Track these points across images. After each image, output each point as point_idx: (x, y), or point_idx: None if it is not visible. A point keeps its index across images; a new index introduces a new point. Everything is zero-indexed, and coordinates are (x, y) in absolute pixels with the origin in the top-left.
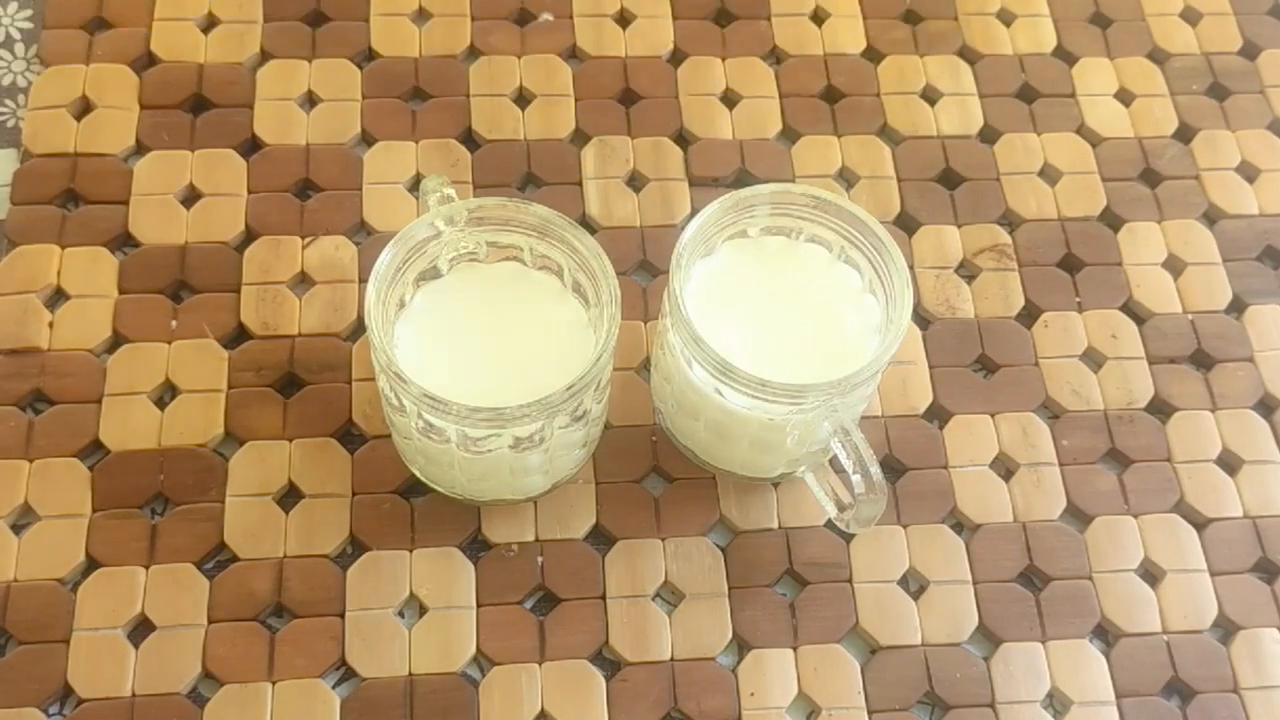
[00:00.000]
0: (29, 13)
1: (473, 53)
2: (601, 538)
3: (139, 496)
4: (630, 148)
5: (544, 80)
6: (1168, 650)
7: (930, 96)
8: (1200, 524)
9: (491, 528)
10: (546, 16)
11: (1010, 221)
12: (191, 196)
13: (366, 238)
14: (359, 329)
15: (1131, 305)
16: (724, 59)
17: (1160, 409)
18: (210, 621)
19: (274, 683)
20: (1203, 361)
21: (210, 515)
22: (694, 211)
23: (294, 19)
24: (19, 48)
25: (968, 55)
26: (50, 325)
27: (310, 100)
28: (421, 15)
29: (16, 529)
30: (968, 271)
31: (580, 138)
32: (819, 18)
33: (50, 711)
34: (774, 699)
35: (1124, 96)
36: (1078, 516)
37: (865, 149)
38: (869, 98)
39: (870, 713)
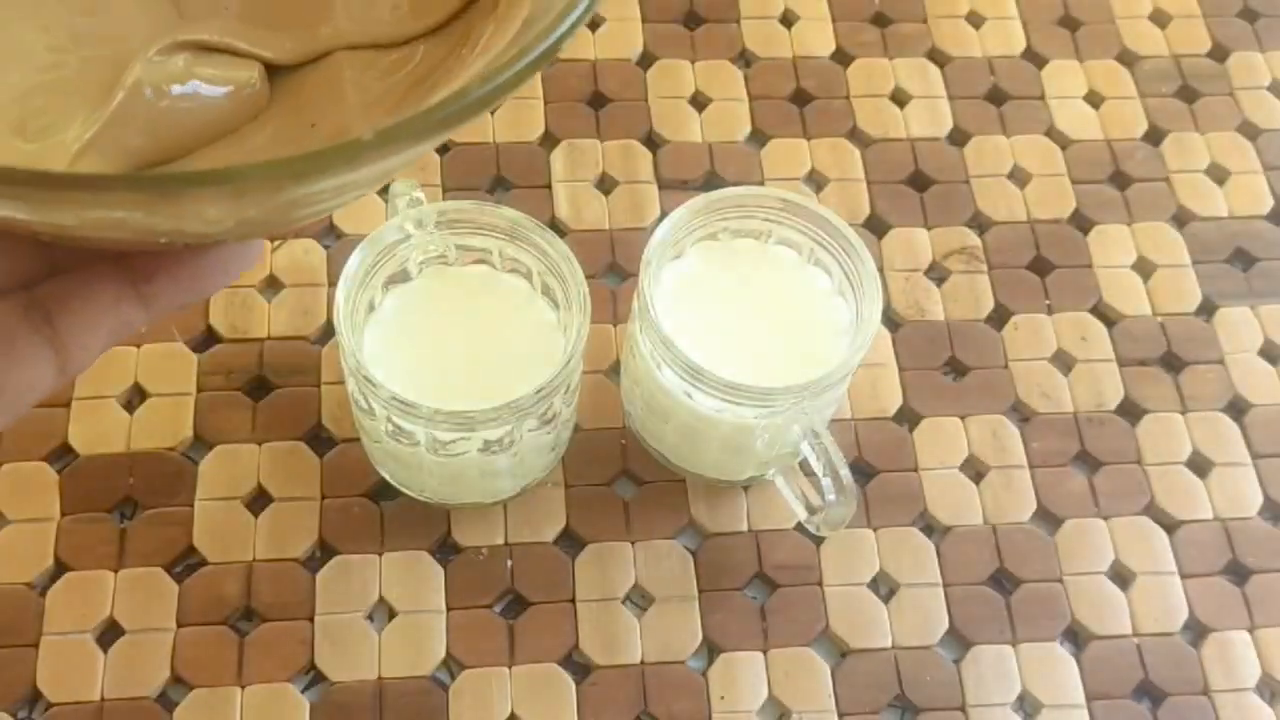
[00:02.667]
0: None
1: None
2: (571, 541)
3: (108, 500)
4: (599, 151)
5: None
6: (1138, 653)
7: (899, 99)
8: (1170, 526)
9: (461, 531)
10: None
11: (980, 224)
12: None
13: (336, 241)
14: (328, 332)
15: (1101, 308)
16: (693, 62)
17: (1130, 411)
18: (179, 625)
19: (243, 687)
20: (1172, 364)
21: (179, 519)
22: (663, 214)
23: None
24: None
25: (937, 58)
26: None
27: None
28: None
29: None
30: (937, 274)
31: (549, 141)
32: (788, 20)
33: (19, 716)
34: (744, 702)
35: (1093, 99)
36: (1048, 519)
37: (835, 151)
38: (838, 100)
39: (841, 716)
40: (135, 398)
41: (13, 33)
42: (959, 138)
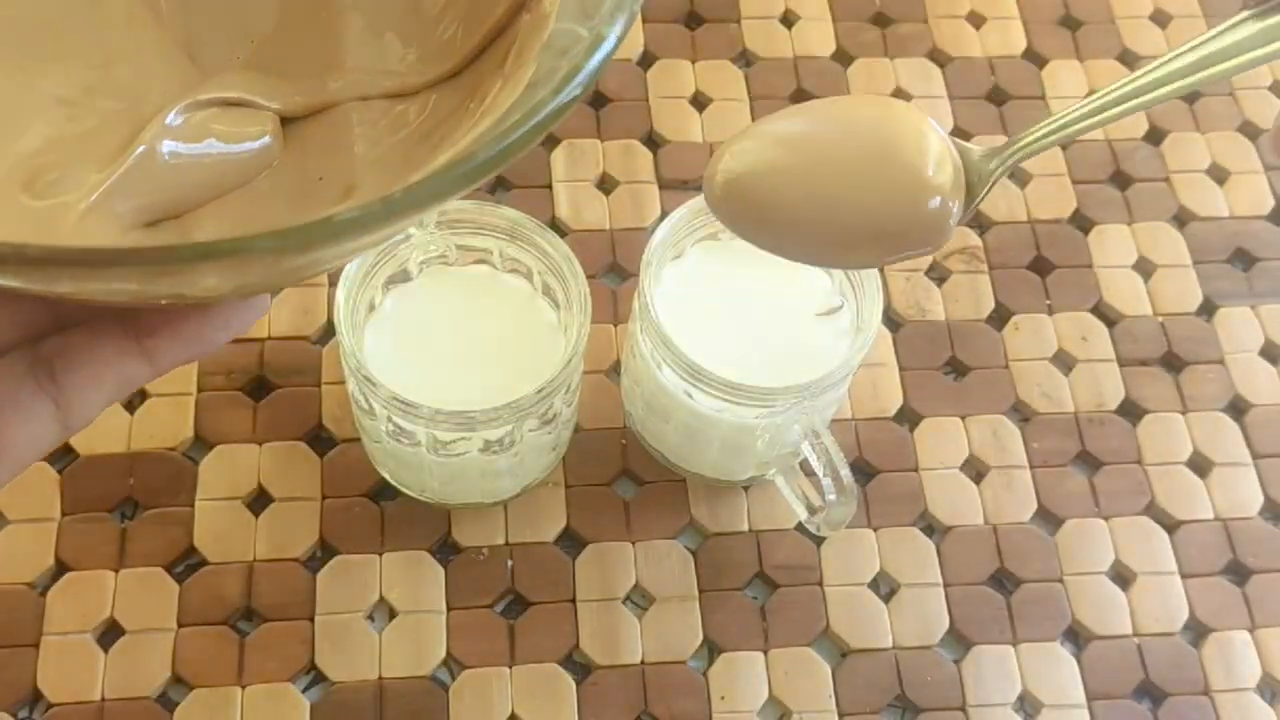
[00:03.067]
0: None
1: None
2: (572, 541)
3: (108, 500)
4: (600, 150)
5: None
6: (1139, 653)
7: (900, 99)
8: (1171, 526)
9: (461, 531)
10: None
11: (980, 224)
12: None
13: None
14: (329, 332)
15: (1102, 308)
16: (694, 62)
17: (1131, 411)
18: (180, 625)
19: (244, 687)
20: (1173, 364)
21: (180, 519)
22: (664, 214)
23: None
24: None
25: (937, 58)
26: None
27: None
28: None
29: None
30: (938, 274)
31: (550, 140)
32: (789, 20)
33: (19, 716)
34: (745, 702)
35: None
36: (1048, 519)
37: None
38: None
39: (841, 716)
40: (136, 398)
41: (27, 85)
42: (959, 137)
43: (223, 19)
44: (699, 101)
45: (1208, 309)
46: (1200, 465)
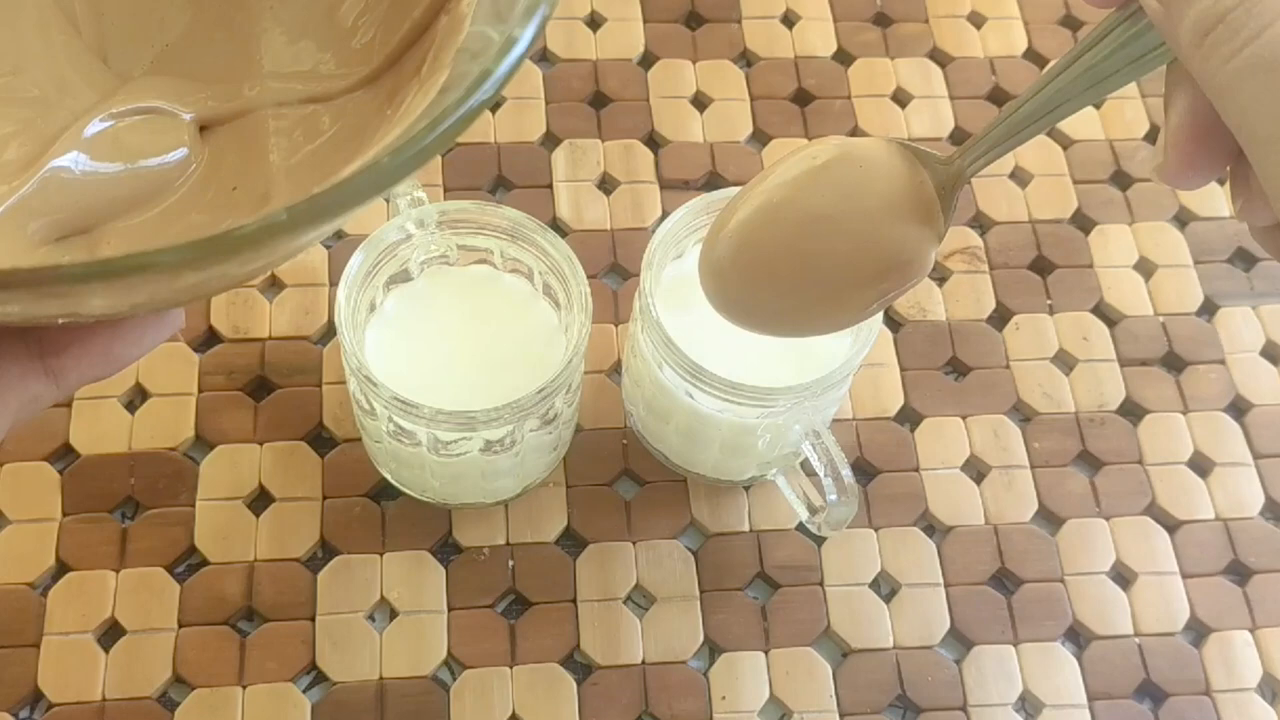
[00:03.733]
0: None
1: None
2: (573, 541)
3: (109, 500)
4: (601, 150)
5: (514, 83)
6: (1140, 653)
7: (901, 99)
8: (1172, 526)
9: (462, 531)
10: None
11: (981, 224)
12: None
13: (337, 241)
14: (329, 332)
15: (1103, 308)
16: (694, 62)
17: (1132, 411)
18: (181, 625)
19: (245, 687)
20: (1174, 364)
21: (181, 519)
22: (665, 214)
23: None
24: None
25: (938, 58)
26: None
27: None
28: None
29: None
30: (939, 274)
31: (551, 140)
32: (789, 20)
33: (20, 716)
34: (746, 702)
35: None
36: (1049, 519)
37: None
38: (839, 100)
39: (842, 716)
40: (137, 398)
41: None
42: (961, 138)
43: (135, 22)
44: (700, 101)
45: (1209, 309)
46: (1201, 465)
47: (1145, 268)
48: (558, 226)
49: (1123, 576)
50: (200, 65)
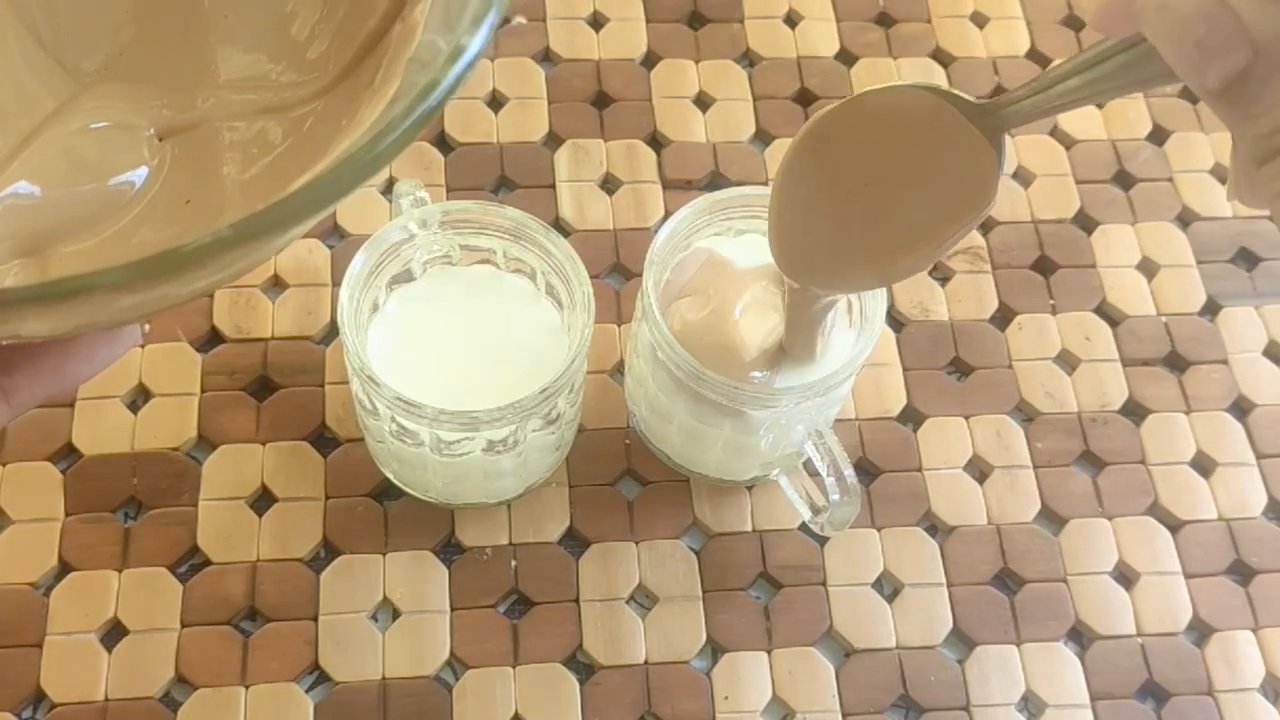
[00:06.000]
0: None
1: None
2: (575, 541)
3: (112, 500)
4: (603, 150)
5: (517, 83)
6: (1142, 653)
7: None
8: (1174, 526)
9: (465, 531)
10: (519, 19)
11: (984, 224)
12: None
13: (340, 241)
14: (332, 332)
15: (1105, 308)
16: (697, 62)
17: (1134, 411)
18: (183, 625)
19: (247, 687)
20: (1176, 364)
21: (183, 519)
22: (667, 214)
23: None
24: None
25: (941, 58)
26: None
27: None
28: None
29: None
30: (941, 274)
31: (553, 140)
32: (792, 20)
33: (23, 716)
34: (748, 702)
35: None
36: (1052, 519)
37: None
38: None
39: (845, 716)
40: (139, 398)
41: None
42: None
43: (89, 27)
44: (702, 101)
45: (1211, 309)
46: (1204, 465)
47: (1148, 268)
48: (560, 226)
49: (1125, 576)
50: (156, 73)
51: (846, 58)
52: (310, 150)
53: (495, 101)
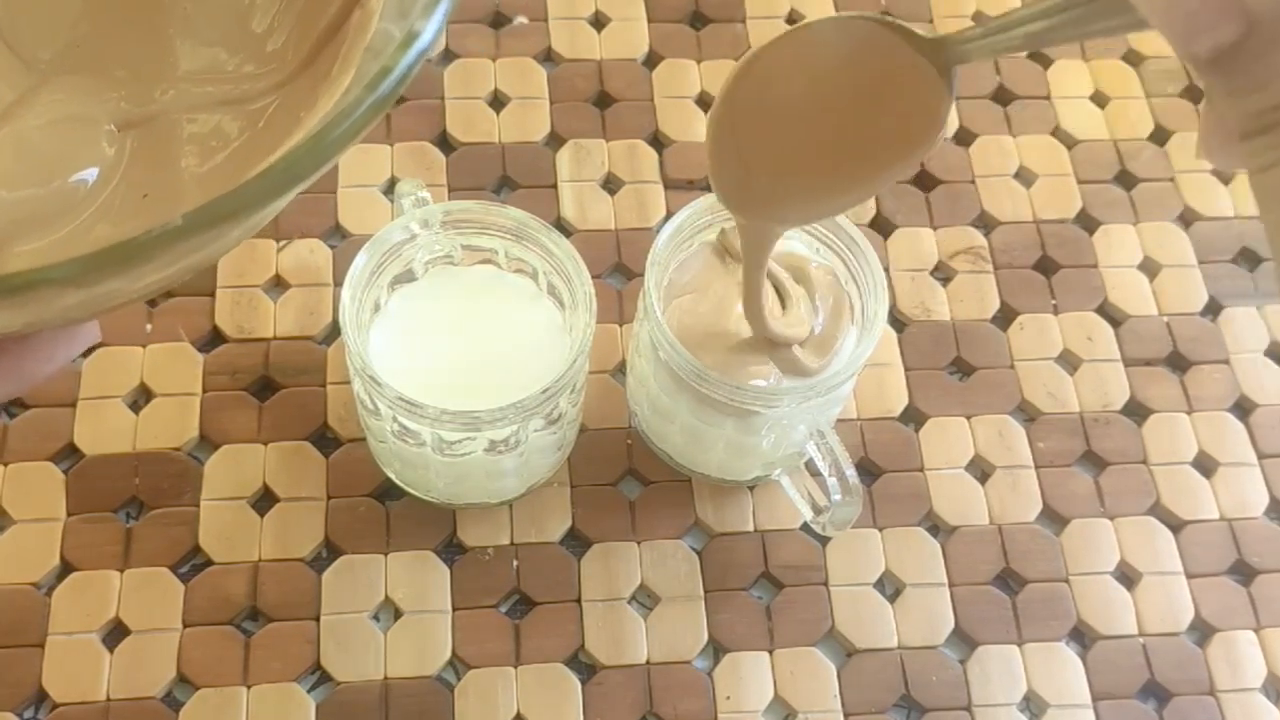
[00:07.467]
0: None
1: (448, 56)
2: (577, 541)
3: (113, 500)
4: (605, 150)
5: (519, 83)
6: (1144, 653)
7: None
8: (1176, 526)
9: (467, 531)
10: (521, 19)
11: (986, 224)
12: None
13: (341, 241)
14: (334, 332)
15: (1107, 307)
16: (699, 62)
17: (1136, 411)
18: (185, 625)
19: (249, 687)
20: (1178, 364)
21: (185, 519)
22: (669, 214)
23: None
24: None
25: None
26: None
27: None
28: None
29: None
30: (943, 274)
31: (555, 140)
32: (794, 20)
33: (24, 716)
34: (750, 702)
35: (1099, 99)
36: (1054, 519)
37: None
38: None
39: (846, 716)
40: (141, 398)
41: None
42: (965, 138)
43: (43, 14)
44: (704, 101)
45: (1213, 309)
46: (1205, 465)
47: (1149, 268)
48: (562, 226)
49: (1127, 576)
50: (115, 65)
51: None
52: (269, 142)
53: (497, 101)
